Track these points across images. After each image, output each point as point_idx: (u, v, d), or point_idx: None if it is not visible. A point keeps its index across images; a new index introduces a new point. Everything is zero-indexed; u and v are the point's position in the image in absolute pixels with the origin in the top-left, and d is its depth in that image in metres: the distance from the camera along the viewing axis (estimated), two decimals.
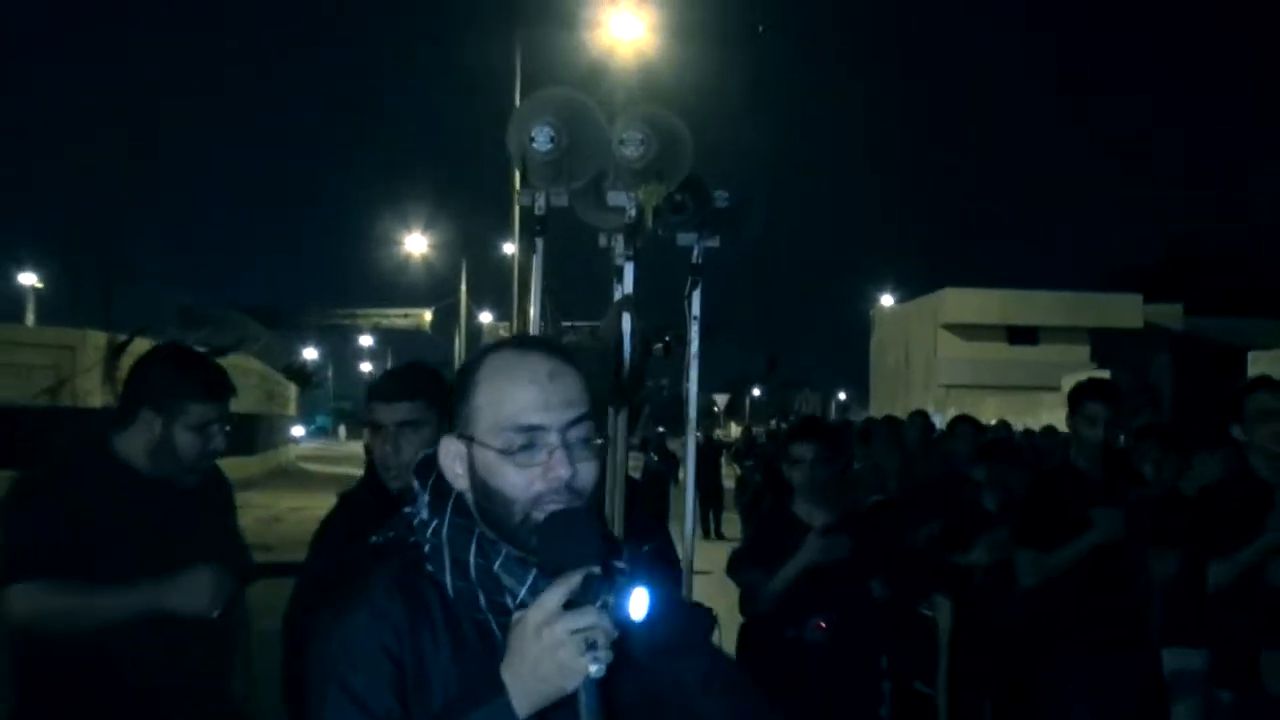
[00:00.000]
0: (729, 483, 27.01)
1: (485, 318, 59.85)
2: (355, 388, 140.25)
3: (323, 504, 4.27)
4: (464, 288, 54.62)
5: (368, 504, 3.83)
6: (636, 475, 5.62)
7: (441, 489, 2.21)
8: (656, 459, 22.49)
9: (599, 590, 1.97)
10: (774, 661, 5.51)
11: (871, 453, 11.25)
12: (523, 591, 2.08)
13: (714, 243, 5.52)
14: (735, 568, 5.99)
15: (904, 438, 11.74)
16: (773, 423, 56.60)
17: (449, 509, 2.18)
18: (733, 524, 21.66)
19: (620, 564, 2.15)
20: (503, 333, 53.83)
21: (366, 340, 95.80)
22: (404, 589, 2.12)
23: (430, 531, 2.17)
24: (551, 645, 1.91)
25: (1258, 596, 5.22)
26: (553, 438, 2.10)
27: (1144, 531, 5.88)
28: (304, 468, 48.81)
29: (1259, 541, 5.21)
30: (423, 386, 3.88)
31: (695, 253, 5.49)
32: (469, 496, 2.17)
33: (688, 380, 5.59)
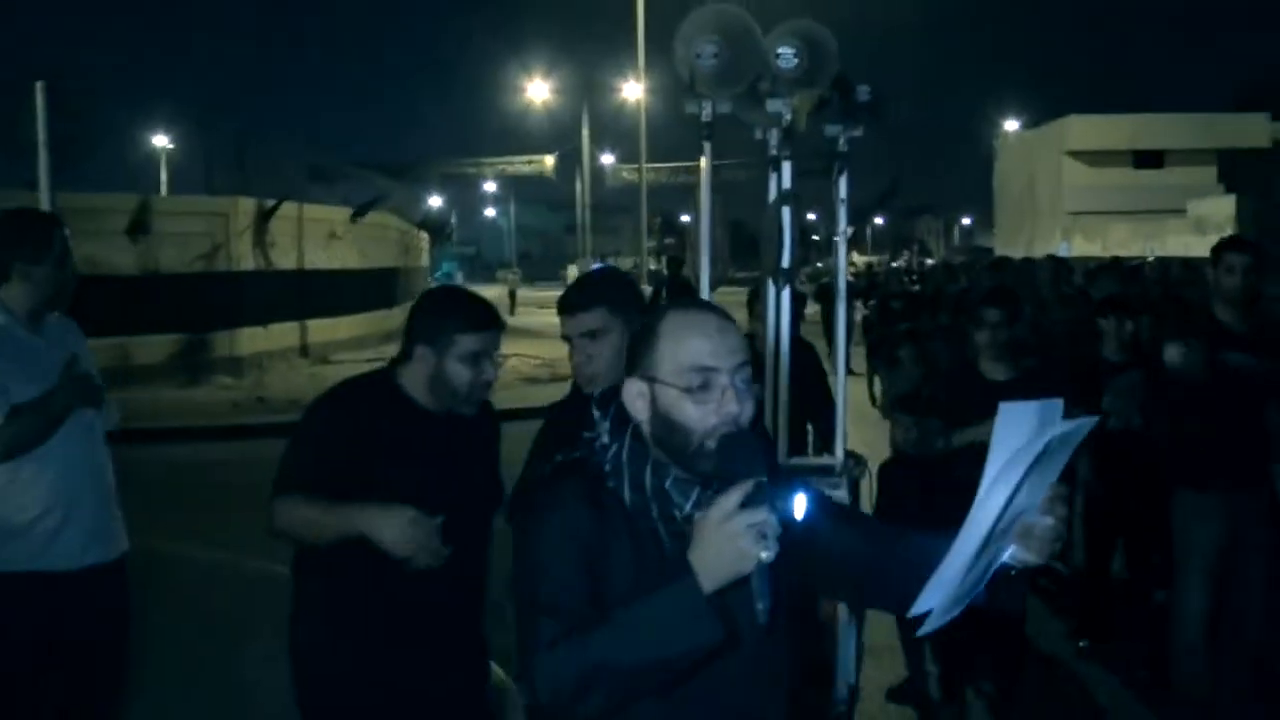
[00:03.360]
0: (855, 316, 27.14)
1: (607, 159, 60.32)
2: (479, 233, 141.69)
3: None
4: (585, 132, 55.00)
5: (571, 415, 4.04)
6: None
7: (622, 419, 2.62)
8: None
9: (766, 494, 2.35)
10: (923, 499, 6.35)
11: None
12: (688, 506, 2.51)
13: (858, 132, 6.12)
14: (905, 408, 6.83)
15: (1036, 279, 12.28)
16: (903, 257, 56.54)
17: (628, 436, 2.59)
18: (858, 358, 22.14)
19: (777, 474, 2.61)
20: (625, 175, 54.23)
21: (490, 187, 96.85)
22: (591, 499, 2.55)
23: (611, 454, 2.59)
24: (732, 535, 2.30)
25: None
26: (724, 379, 2.51)
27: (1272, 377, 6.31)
28: None
29: None
30: (601, 295, 4.02)
31: (841, 141, 6.10)
32: (645, 428, 2.57)
33: (837, 256, 6.30)
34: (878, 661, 7.36)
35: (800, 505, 2.42)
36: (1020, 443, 2.28)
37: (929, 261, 47.30)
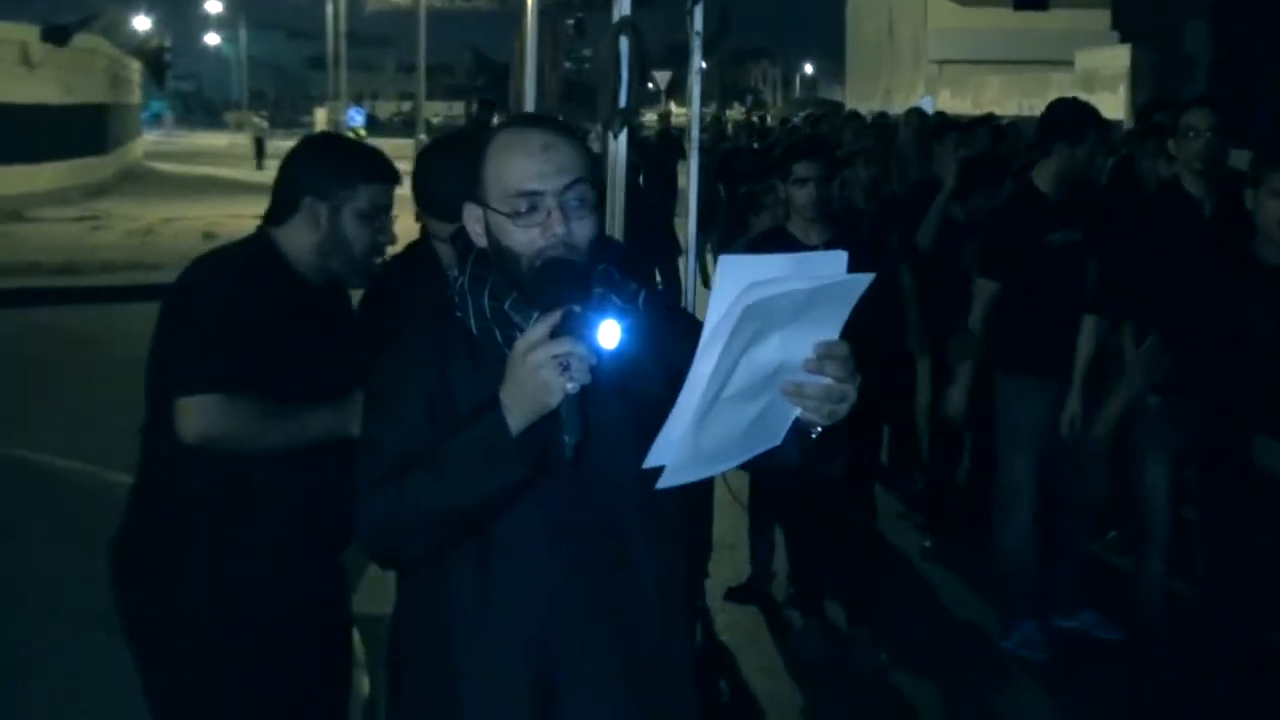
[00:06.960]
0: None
1: None
2: (198, 66, 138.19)
3: (195, 213, 4.27)
4: None
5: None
6: None
7: (464, 248, 3.08)
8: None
9: (579, 324, 2.67)
10: None
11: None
12: (528, 327, 2.81)
13: None
14: None
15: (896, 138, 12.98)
16: (735, 107, 56.28)
17: (469, 264, 3.03)
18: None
19: (614, 299, 2.99)
20: None
21: (214, 7, 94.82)
22: (435, 331, 3.02)
23: (457, 285, 3.03)
24: (535, 367, 2.65)
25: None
26: (549, 201, 2.88)
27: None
28: (154, 168, 48.86)
29: None
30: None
31: None
32: (490, 251, 3.01)
33: (691, 100, 6.80)
34: (716, 558, 8.06)
35: (609, 334, 2.72)
36: (734, 296, 2.44)
37: (768, 117, 47.67)
